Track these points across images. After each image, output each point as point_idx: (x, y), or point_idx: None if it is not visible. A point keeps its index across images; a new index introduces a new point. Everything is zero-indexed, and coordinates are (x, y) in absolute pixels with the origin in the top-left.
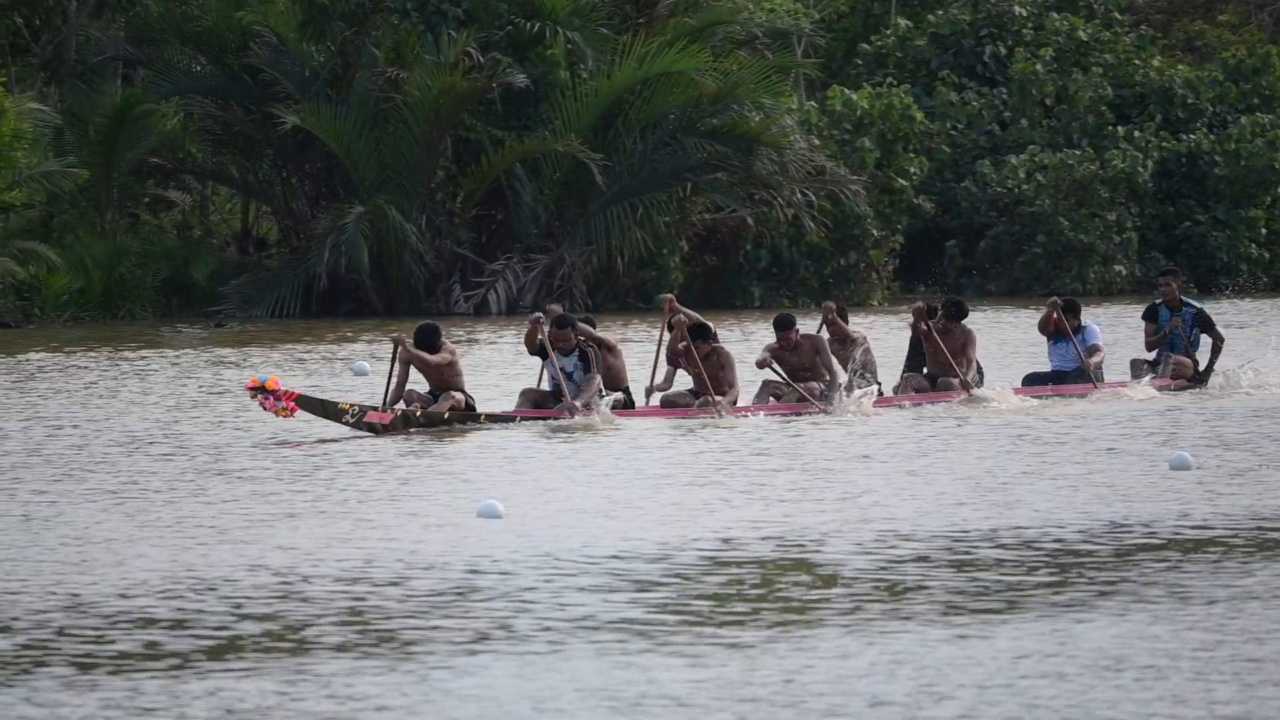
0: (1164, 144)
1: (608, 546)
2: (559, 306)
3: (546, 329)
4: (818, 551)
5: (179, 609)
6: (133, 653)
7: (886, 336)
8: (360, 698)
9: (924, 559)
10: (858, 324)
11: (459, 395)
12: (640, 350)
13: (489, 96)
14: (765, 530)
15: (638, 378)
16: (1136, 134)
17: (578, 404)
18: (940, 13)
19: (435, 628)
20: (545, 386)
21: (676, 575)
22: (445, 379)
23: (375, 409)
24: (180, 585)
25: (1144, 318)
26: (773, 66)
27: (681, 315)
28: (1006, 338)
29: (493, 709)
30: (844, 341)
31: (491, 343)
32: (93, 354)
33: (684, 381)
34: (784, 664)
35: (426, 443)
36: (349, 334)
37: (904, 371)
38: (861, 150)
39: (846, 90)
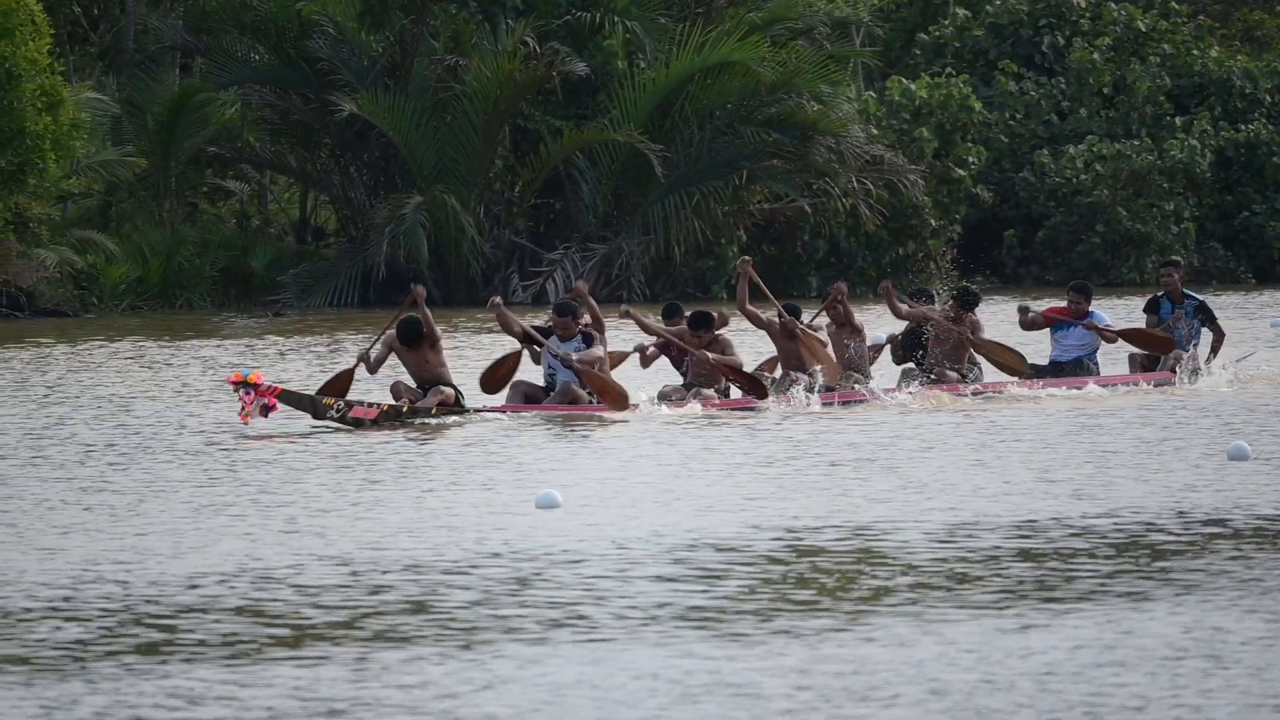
0: (1222, 134)
1: (671, 535)
2: (584, 284)
3: (512, 313)
4: (881, 541)
5: (245, 598)
6: (200, 641)
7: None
8: (425, 686)
9: (986, 548)
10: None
11: (448, 390)
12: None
13: (548, 86)
14: (826, 519)
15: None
16: (1194, 124)
17: (576, 358)
18: (998, 2)
19: (500, 617)
20: (539, 381)
21: (739, 564)
22: (431, 370)
23: (361, 404)
24: (246, 574)
25: (1145, 310)
26: (831, 56)
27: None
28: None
29: (557, 698)
30: (844, 326)
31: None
32: (151, 343)
33: (672, 376)
34: (845, 653)
35: (483, 433)
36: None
37: (896, 362)
38: (920, 140)
39: (905, 80)
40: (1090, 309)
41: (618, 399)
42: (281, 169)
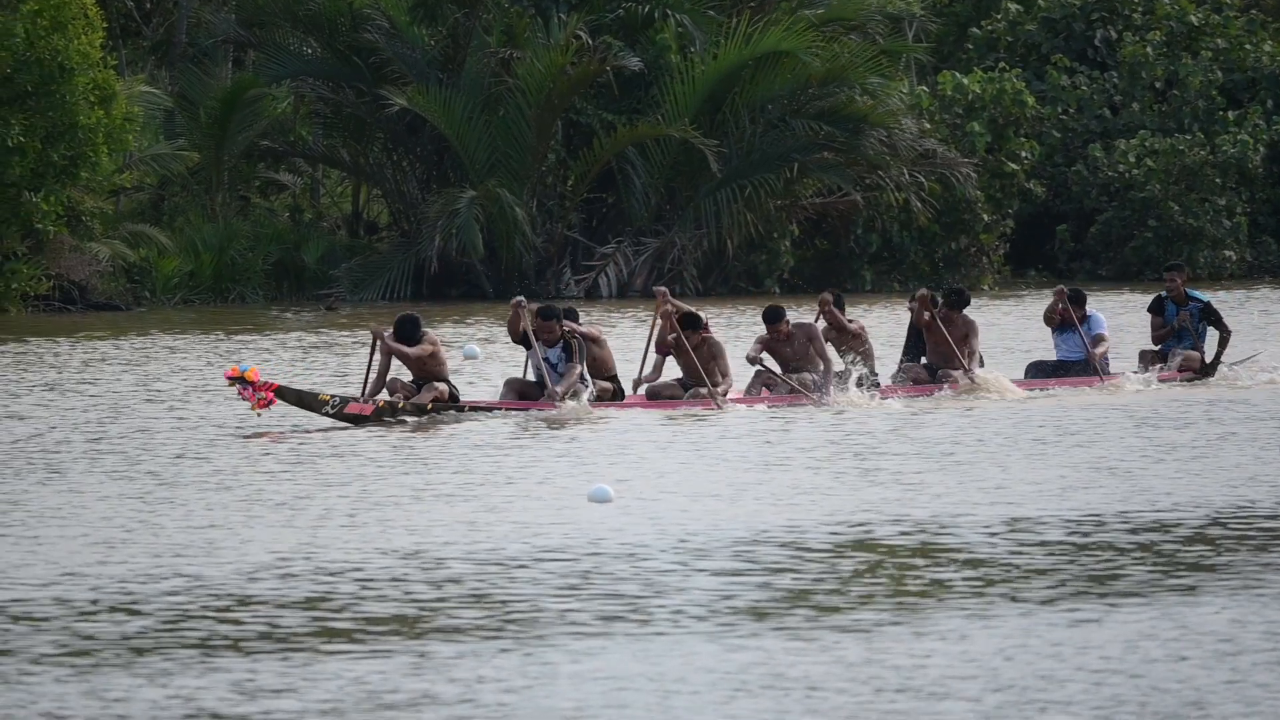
0: (1275, 128)
1: (726, 529)
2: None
3: (529, 317)
4: (938, 535)
5: (303, 591)
6: (258, 635)
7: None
8: (483, 680)
9: (1043, 543)
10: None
11: (442, 386)
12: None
13: (600, 80)
14: (884, 514)
15: (627, 370)
16: (1247, 118)
17: (559, 391)
18: None
19: (557, 610)
20: (530, 377)
21: (795, 558)
22: (428, 369)
23: (356, 400)
24: (305, 568)
25: (1149, 310)
26: (883, 51)
27: (670, 306)
28: (1013, 326)
29: (613, 692)
30: (841, 332)
31: (610, 326)
32: (205, 336)
33: (672, 372)
34: (901, 647)
35: (537, 427)
36: (459, 317)
37: (902, 361)
38: (972, 134)
39: (957, 74)
40: (1088, 312)
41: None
42: (334, 163)
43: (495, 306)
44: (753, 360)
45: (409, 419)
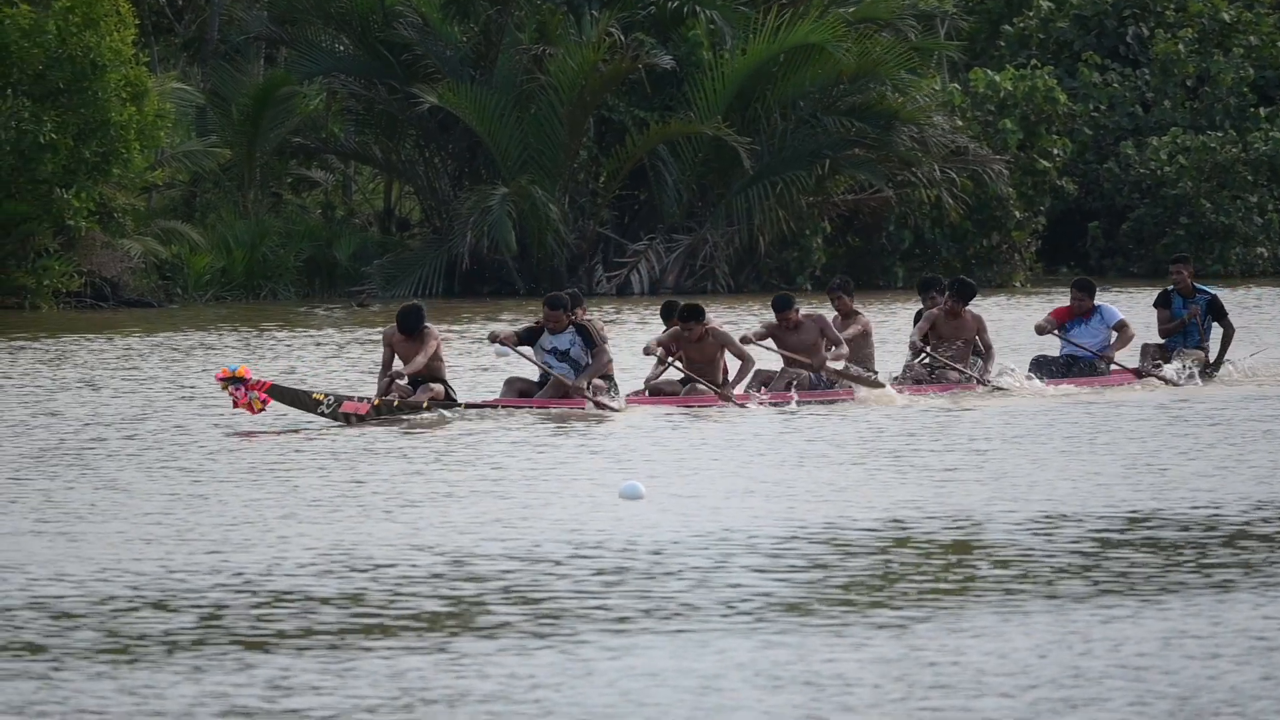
0: None
1: (758, 526)
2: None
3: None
4: (973, 531)
5: (338, 588)
6: (294, 631)
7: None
8: (519, 677)
9: (1077, 539)
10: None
11: (438, 387)
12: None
13: (632, 77)
14: (919, 510)
15: (622, 373)
16: (1279, 115)
17: (582, 383)
18: None
19: (590, 607)
20: (534, 376)
21: (832, 554)
22: (428, 368)
23: (350, 399)
24: (339, 564)
25: (1156, 304)
26: (915, 48)
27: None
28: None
29: (647, 688)
30: (848, 317)
31: (641, 324)
32: (238, 333)
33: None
34: (934, 643)
35: (571, 424)
36: (492, 314)
37: (908, 361)
38: (1004, 131)
39: (989, 72)
40: (1096, 304)
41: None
42: (366, 159)
43: (527, 303)
44: (745, 341)
45: (406, 417)
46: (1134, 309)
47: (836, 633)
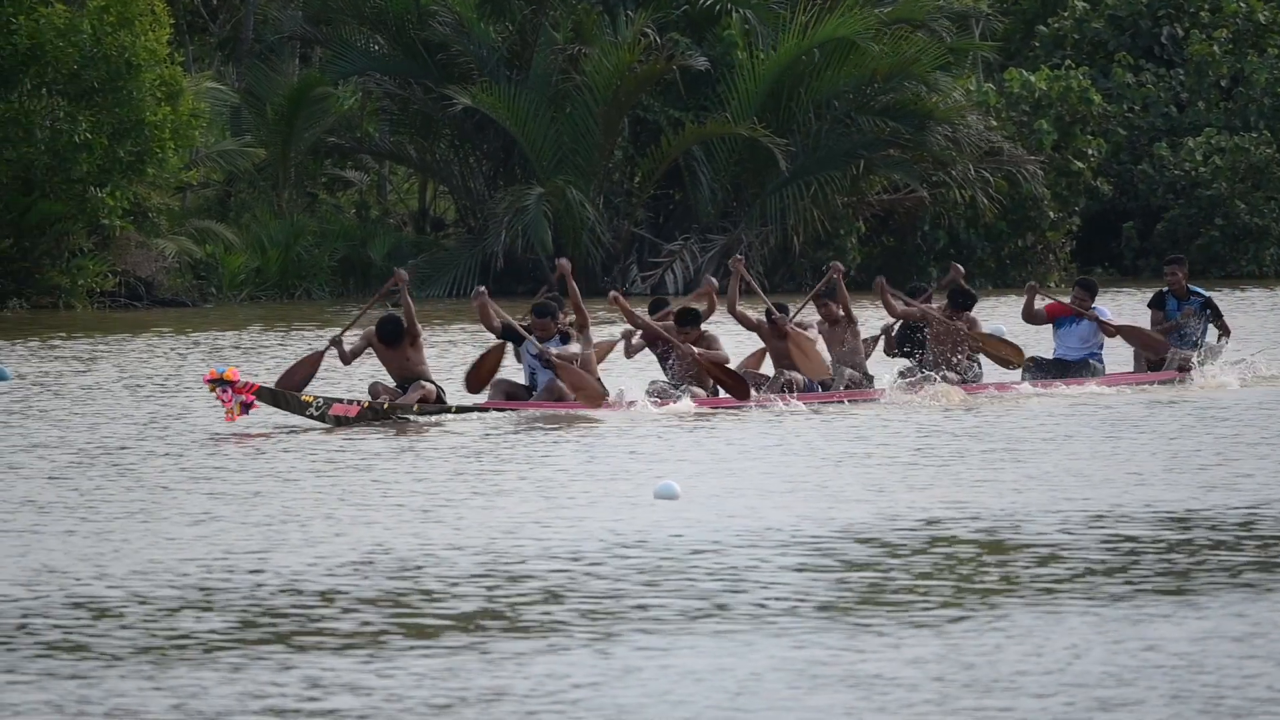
0: None
1: (795, 526)
2: (567, 263)
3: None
4: (1009, 531)
5: (375, 587)
6: (333, 631)
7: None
8: (556, 676)
9: (1114, 539)
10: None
11: (429, 386)
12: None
13: (667, 77)
14: (952, 509)
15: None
16: None
17: (553, 353)
18: None
19: (629, 606)
20: (521, 379)
21: (869, 554)
22: (411, 368)
23: (340, 401)
24: (376, 564)
25: (1150, 305)
26: (951, 49)
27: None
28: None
29: (686, 688)
30: (836, 323)
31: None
32: (270, 333)
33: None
34: (974, 643)
35: (603, 425)
36: (524, 315)
37: (888, 354)
38: (1039, 132)
39: (1024, 72)
40: (1094, 305)
41: (593, 397)
42: (401, 159)
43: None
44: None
45: (397, 420)
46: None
47: (874, 632)
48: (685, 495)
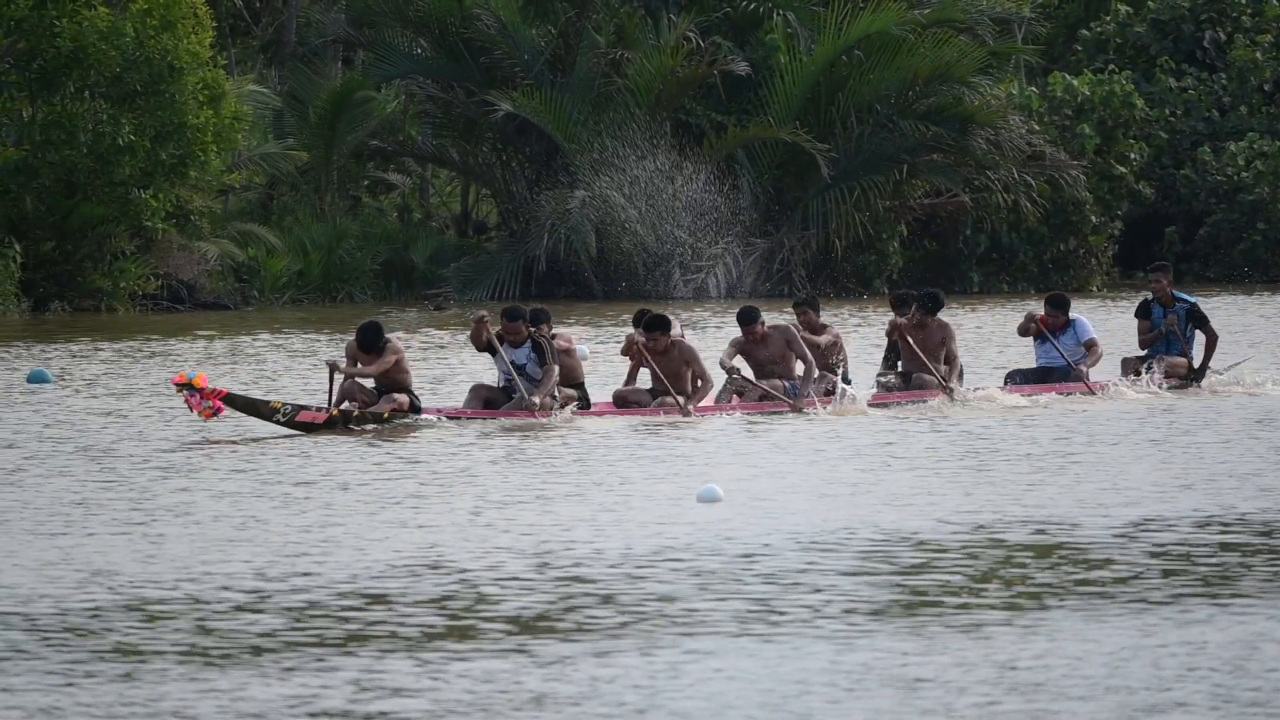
0: None
1: (842, 530)
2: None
3: (493, 329)
4: (1055, 536)
5: (427, 590)
6: (380, 633)
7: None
8: (604, 680)
9: (1159, 544)
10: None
11: (402, 397)
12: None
13: (709, 81)
14: (1001, 514)
15: (594, 379)
16: None
17: (535, 400)
18: None
19: (679, 610)
20: (497, 383)
21: (913, 558)
22: (391, 378)
23: (308, 408)
24: (428, 567)
25: (1136, 315)
26: (993, 52)
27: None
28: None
29: (740, 691)
30: (816, 332)
31: (718, 327)
32: (313, 336)
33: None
34: (1018, 647)
35: (639, 430)
36: (569, 318)
37: (882, 369)
38: (1081, 136)
39: (1067, 76)
40: (1071, 318)
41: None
42: (443, 162)
43: (603, 307)
44: (726, 367)
45: (368, 427)
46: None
47: (921, 636)
48: (729, 498)
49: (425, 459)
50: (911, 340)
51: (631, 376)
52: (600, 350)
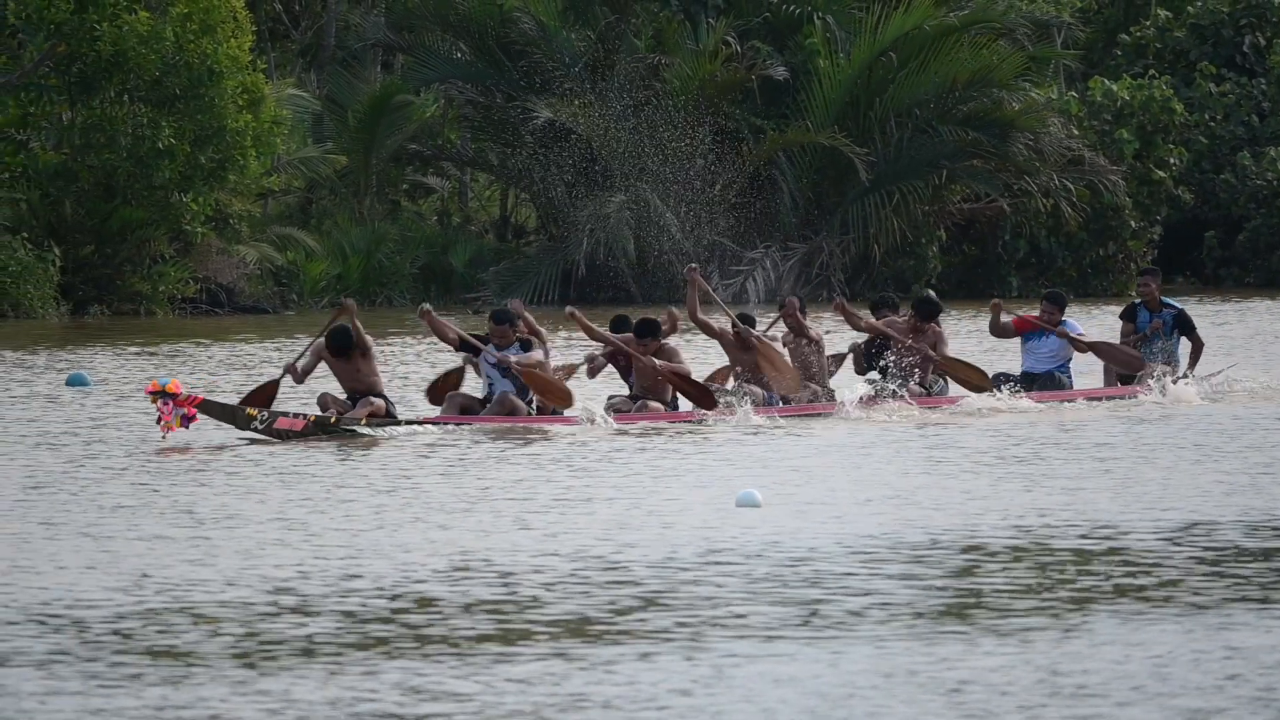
0: None
1: (890, 533)
2: (520, 302)
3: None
4: (1100, 540)
5: (468, 594)
6: (427, 636)
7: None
8: (648, 683)
9: (1205, 549)
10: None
11: (378, 401)
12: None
13: (747, 85)
14: (1043, 517)
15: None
16: None
17: (533, 357)
18: (1199, 3)
19: (727, 614)
20: (478, 393)
21: (957, 562)
22: (362, 380)
23: (285, 415)
24: (469, 570)
25: (1122, 317)
26: (1032, 57)
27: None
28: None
29: (786, 695)
30: (800, 337)
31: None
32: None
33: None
34: (1061, 652)
35: (673, 436)
36: (604, 322)
37: (859, 372)
38: (1120, 141)
39: (1106, 81)
40: (1063, 319)
41: (562, 397)
42: (482, 166)
43: (642, 310)
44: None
45: (344, 435)
46: (1251, 318)
47: (963, 640)
48: (779, 503)
49: (465, 464)
50: (904, 349)
51: (597, 366)
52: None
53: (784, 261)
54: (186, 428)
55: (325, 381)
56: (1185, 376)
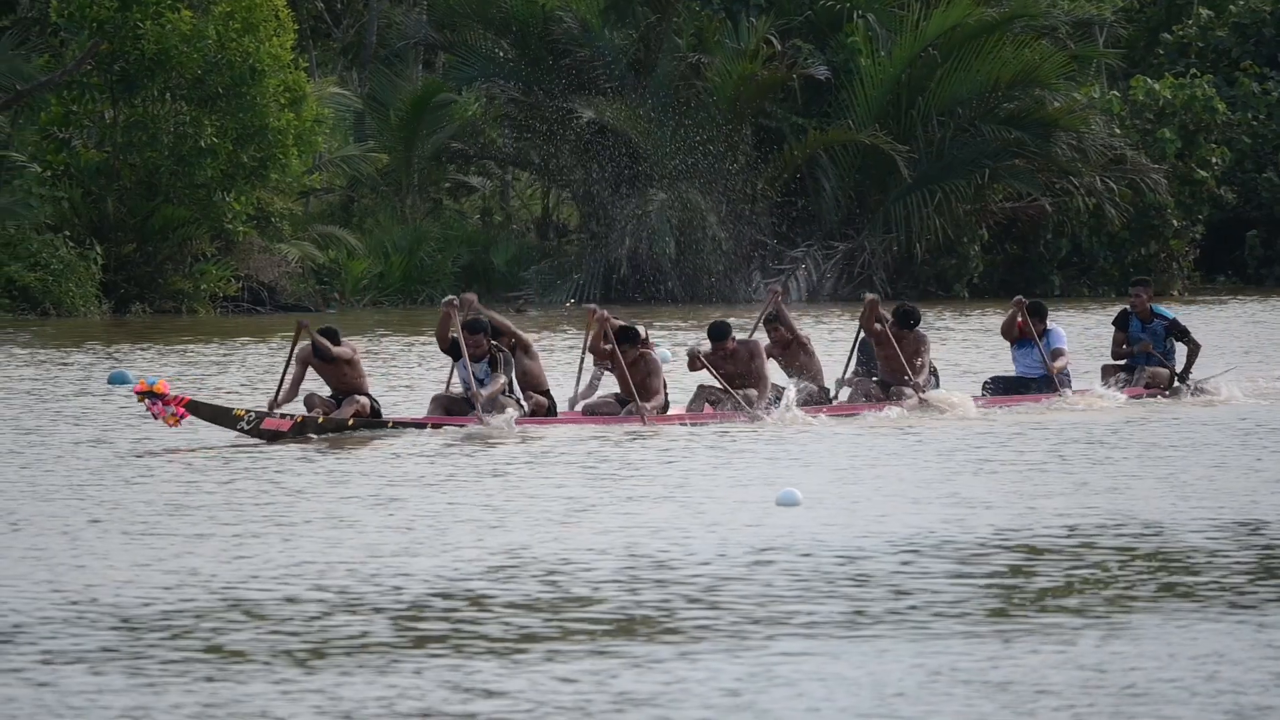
0: None
1: (924, 532)
2: (472, 296)
3: (461, 318)
4: (1145, 539)
5: (514, 591)
6: (475, 634)
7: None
8: (695, 680)
9: (1255, 547)
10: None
11: (363, 399)
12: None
13: (789, 84)
14: (1091, 516)
15: (561, 383)
16: None
17: (481, 398)
18: (1242, 2)
19: (774, 612)
20: (456, 390)
21: (1001, 561)
22: (347, 381)
23: (271, 415)
24: (514, 568)
25: (1114, 324)
26: (1075, 56)
27: (604, 313)
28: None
29: (832, 692)
30: (788, 346)
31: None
32: (395, 338)
33: (610, 384)
34: (1104, 650)
35: (709, 435)
36: (649, 320)
37: (852, 376)
38: (1163, 140)
39: (1149, 80)
40: (1048, 326)
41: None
42: (524, 165)
43: (684, 310)
44: (694, 367)
45: (329, 434)
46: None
47: (1011, 639)
48: (824, 502)
49: (505, 464)
50: (886, 348)
51: (593, 387)
52: (681, 354)
53: (826, 260)
54: (178, 424)
55: (312, 382)
56: (1182, 379)
